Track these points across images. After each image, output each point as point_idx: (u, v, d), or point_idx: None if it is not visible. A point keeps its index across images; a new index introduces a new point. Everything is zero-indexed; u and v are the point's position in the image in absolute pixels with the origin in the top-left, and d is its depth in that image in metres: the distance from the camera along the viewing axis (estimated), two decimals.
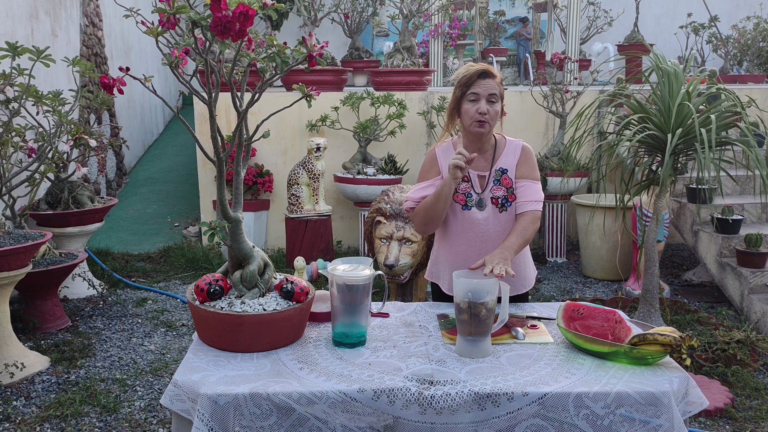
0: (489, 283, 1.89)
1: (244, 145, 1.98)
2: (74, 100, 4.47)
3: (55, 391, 3.36)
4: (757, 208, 5.02)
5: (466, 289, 1.88)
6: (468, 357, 1.90)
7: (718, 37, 8.73)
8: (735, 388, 3.37)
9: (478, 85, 2.29)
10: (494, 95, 2.29)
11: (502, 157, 2.40)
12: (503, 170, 2.39)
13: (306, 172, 5.40)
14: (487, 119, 2.29)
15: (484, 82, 2.28)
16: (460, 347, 1.93)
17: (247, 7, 1.57)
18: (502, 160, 2.40)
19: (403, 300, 4.00)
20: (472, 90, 2.29)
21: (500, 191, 2.37)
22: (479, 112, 2.28)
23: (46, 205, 4.68)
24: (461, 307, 1.89)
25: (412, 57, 6.31)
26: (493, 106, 2.29)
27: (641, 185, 3.83)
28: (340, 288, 1.95)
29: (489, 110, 2.28)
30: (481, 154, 2.39)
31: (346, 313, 1.97)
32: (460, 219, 2.40)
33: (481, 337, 1.90)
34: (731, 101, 3.52)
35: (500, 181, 2.38)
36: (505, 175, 2.38)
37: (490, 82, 2.29)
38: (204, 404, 1.66)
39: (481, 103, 2.28)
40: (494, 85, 2.29)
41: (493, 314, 1.90)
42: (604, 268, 5.41)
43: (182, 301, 4.78)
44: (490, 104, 2.29)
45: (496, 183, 2.38)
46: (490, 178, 2.39)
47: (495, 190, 2.38)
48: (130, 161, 8.40)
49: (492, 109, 2.29)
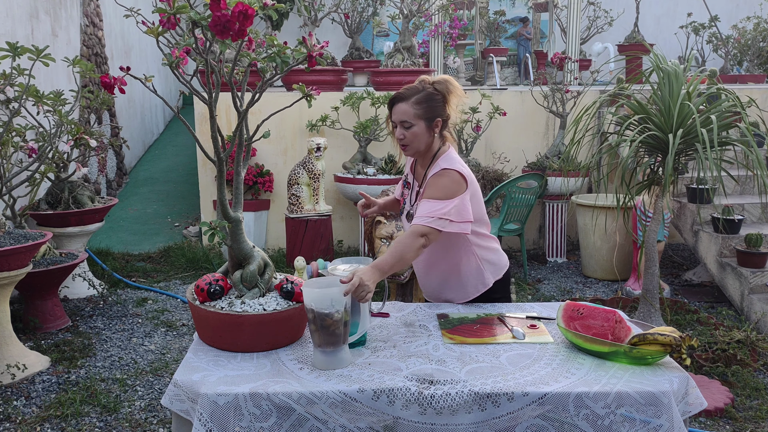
0: (333, 293, 1.78)
1: (245, 145, 1.98)
2: (74, 100, 4.47)
3: (56, 391, 3.36)
4: (757, 208, 5.02)
5: (309, 299, 1.78)
6: (322, 369, 1.80)
7: (718, 37, 8.72)
8: (735, 388, 3.37)
9: (393, 113, 2.33)
10: (404, 121, 2.29)
11: (429, 173, 2.37)
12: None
13: (306, 172, 5.40)
14: (406, 143, 2.33)
15: (396, 108, 2.31)
16: (315, 359, 1.84)
17: (246, 6, 1.57)
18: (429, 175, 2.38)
19: (403, 300, 4.00)
20: (391, 116, 2.35)
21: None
22: (396, 136, 2.34)
23: (46, 205, 4.69)
24: (309, 318, 1.80)
25: (413, 57, 6.31)
26: (408, 130, 2.30)
27: (642, 185, 3.83)
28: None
29: (405, 134, 2.31)
30: (423, 166, 2.43)
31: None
32: (404, 225, 2.53)
33: (333, 348, 1.81)
34: (731, 101, 3.52)
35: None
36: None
37: (401, 107, 2.30)
38: (204, 404, 1.66)
39: (397, 130, 2.32)
40: (405, 110, 2.28)
41: (343, 324, 1.80)
42: (604, 268, 5.41)
43: (182, 301, 4.78)
44: (405, 129, 2.31)
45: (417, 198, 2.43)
46: (418, 193, 2.44)
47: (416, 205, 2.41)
48: (130, 161, 8.40)
49: (408, 133, 2.31)
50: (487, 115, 5.88)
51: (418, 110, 2.28)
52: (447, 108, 2.33)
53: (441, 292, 2.48)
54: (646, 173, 3.83)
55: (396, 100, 2.31)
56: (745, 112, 3.46)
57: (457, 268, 2.40)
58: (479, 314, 2.27)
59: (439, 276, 2.45)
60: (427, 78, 2.35)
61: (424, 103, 2.28)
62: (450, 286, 2.44)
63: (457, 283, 2.42)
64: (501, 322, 2.18)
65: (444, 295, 2.47)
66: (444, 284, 2.45)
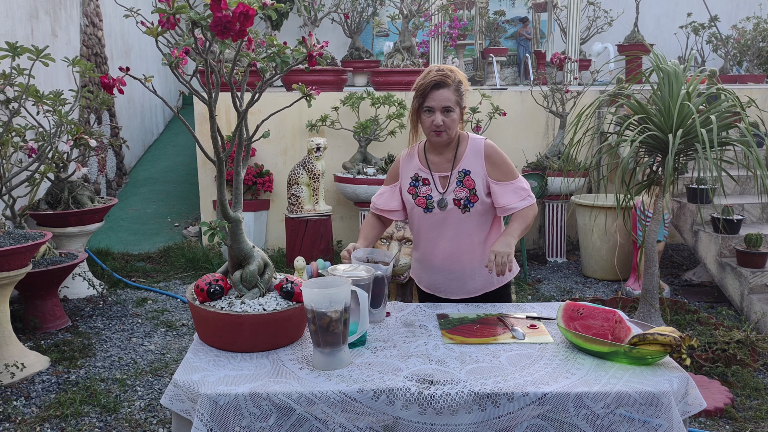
0: (331, 293, 1.76)
1: (244, 145, 1.98)
2: (74, 100, 4.47)
3: (55, 391, 3.36)
4: (757, 208, 5.02)
5: (309, 299, 1.77)
6: (322, 369, 1.80)
7: (718, 37, 8.72)
8: (735, 388, 3.37)
9: (431, 98, 2.30)
10: (448, 107, 2.30)
11: (464, 158, 2.40)
12: (466, 171, 2.40)
13: (306, 172, 5.40)
14: (443, 129, 2.33)
15: (437, 93, 2.29)
16: (315, 359, 1.83)
17: (247, 7, 1.57)
18: (465, 162, 2.40)
19: (403, 300, 4.00)
20: (426, 103, 2.32)
21: (463, 192, 2.39)
22: (434, 124, 2.31)
23: (46, 205, 4.69)
24: (308, 318, 1.80)
25: (412, 57, 6.31)
26: (448, 116, 2.31)
27: (641, 185, 3.83)
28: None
29: (444, 121, 2.31)
30: (443, 156, 2.43)
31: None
32: (424, 222, 2.45)
33: (333, 348, 1.80)
34: (731, 101, 3.52)
35: (462, 182, 2.39)
36: (468, 176, 2.39)
37: (443, 93, 2.29)
38: (204, 404, 1.66)
39: (436, 115, 2.31)
40: (448, 96, 2.29)
41: (342, 324, 1.79)
42: (604, 268, 5.41)
43: (182, 301, 4.78)
44: (445, 114, 2.31)
45: (458, 185, 2.40)
46: (452, 179, 2.41)
47: (457, 191, 2.39)
48: (130, 161, 8.40)
49: (448, 119, 2.31)
50: (487, 115, 5.88)
51: (457, 97, 2.32)
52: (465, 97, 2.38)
53: (459, 281, 2.45)
54: (645, 173, 3.83)
55: (437, 86, 2.29)
56: (745, 113, 3.46)
57: (482, 256, 2.43)
58: (479, 314, 2.27)
59: (462, 260, 2.43)
60: (444, 67, 2.35)
61: (459, 91, 2.33)
62: (472, 275, 2.44)
63: (479, 272, 2.44)
64: (501, 322, 2.18)
65: (465, 284, 2.45)
66: (464, 273, 2.44)
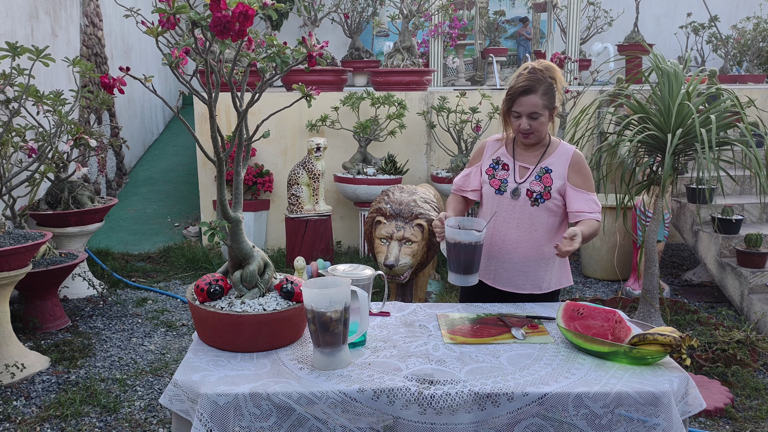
0: (331, 293, 1.76)
1: (244, 145, 1.98)
2: (74, 100, 4.47)
3: (55, 391, 3.36)
4: (756, 208, 5.02)
5: (309, 299, 1.76)
6: (322, 369, 1.80)
7: (718, 37, 8.73)
8: (735, 388, 3.37)
9: (519, 104, 2.38)
10: (535, 113, 2.37)
11: (550, 157, 2.48)
12: (548, 169, 2.46)
13: (306, 172, 5.40)
14: (530, 132, 2.41)
15: (525, 99, 2.36)
16: (315, 359, 1.83)
17: (246, 7, 1.57)
18: (550, 161, 2.47)
19: (403, 300, 4.00)
20: (514, 108, 2.40)
21: (538, 186, 2.45)
22: (521, 128, 2.40)
23: (46, 205, 4.68)
24: (308, 318, 1.80)
25: (412, 57, 6.31)
26: (536, 120, 2.38)
27: (641, 185, 3.83)
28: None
29: (532, 125, 2.39)
30: (531, 150, 2.51)
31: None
32: (493, 203, 2.51)
33: (333, 348, 1.80)
34: (731, 101, 3.52)
35: (541, 178, 2.46)
36: (548, 174, 2.46)
37: (531, 99, 2.36)
38: (204, 404, 1.66)
39: (523, 120, 2.39)
40: (535, 102, 2.36)
41: (342, 324, 1.79)
42: (604, 268, 5.41)
43: (182, 301, 4.78)
44: (532, 119, 2.38)
45: (537, 179, 2.46)
46: (533, 172, 2.47)
47: (534, 184, 2.45)
48: (130, 161, 8.40)
49: (535, 123, 2.39)
50: (487, 115, 5.88)
51: (545, 101, 2.37)
52: (558, 95, 2.42)
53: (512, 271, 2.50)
54: (645, 173, 3.83)
55: (525, 92, 2.35)
56: (744, 112, 3.46)
57: (546, 252, 2.48)
58: (479, 314, 2.27)
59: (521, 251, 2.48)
60: (537, 66, 2.39)
61: (549, 93, 2.37)
62: (533, 270, 2.49)
63: (544, 268, 2.49)
64: (501, 322, 2.18)
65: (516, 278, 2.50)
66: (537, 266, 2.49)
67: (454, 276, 2.32)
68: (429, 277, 4.55)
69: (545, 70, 2.38)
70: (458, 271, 2.30)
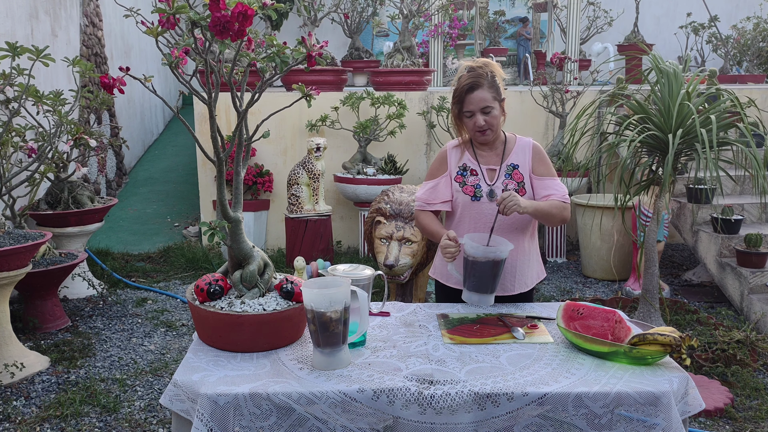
0: (331, 293, 1.75)
1: (244, 145, 1.98)
2: (74, 100, 4.47)
3: (55, 391, 3.36)
4: (756, 208, 5.02)
5: (309, 299, 1.75)
6: (322, 369, 1.80)
7: (718, 37, 8.72)
8: (735, 388, 3.37)
9: (469, 102, 2.35)
10: (487, 107, 2.34)
11: (512, 153, 2.47)
12: (514, 165, 2.46)
13: (306, 172, 5.40)
14: (486, 128, 2.38)
15: (473, 96, 2.34)
16: (315, 359, 1.83)
17: (245, 7, 1.57)
18: (513, 157, 2.47)
19: (403, 300, 4.00)
20: (465, 108, 2.37)
21: (511, 185, 2.44)
22: (477, 125, 2.36)
23: (46, 205, 4.68)
24: (308, 318, 1.79)
25: (412, 57, 6.31)
26: (489, 115, 2.36)
27: (641, 185, 3.83)
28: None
29: (486, 120, 2.36)
30: (492, 150, 2.49)
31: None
32: (470, 210, 2.46)
33: (332, 348, 1.79)
34: (731, 101, 3.52)
35: (511, 175, 2.45)
36: (517, 170, 2.45)
37: (479, 94, 2.33)
38: (204, 404, 1.66)
39: (477, 117, 2.36)
40: (484, 96, 2.33)
41: (342, 324, 1.78)
42: (604, 268, 5.41)
43: (182, 301, 4.78)
44: (486, 114, 2.35)
45: (507, 177, 2.45)
46: (501, 172, 2.46)
47: (506, 183, 2.44)
48: (130, 161, 8.40)
49: (489, 118, 2.36)
50: None
51: (492, 93, 2.35)
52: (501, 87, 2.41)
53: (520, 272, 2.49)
54: (645, 173, 3.83)
55: (471, 89, 2.33)
56: (744, 113, 3.46)
57: (528, 250, 2.49)
58: (479, 314, 2.27)
59: (523, 252, 2.48)
60: (474, 64, 2.38)
61: (494, 86, 2.35)
62: (519, 270, 2.48)
63: (527, 266, 2.49)
64: (501, 322, 2.18)
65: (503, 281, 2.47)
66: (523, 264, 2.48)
67: (476, 296, 2.28)
68: (429, 278, 4.55)
69: (484, 65, 2.37)
70: (481, 290, 2.27)
